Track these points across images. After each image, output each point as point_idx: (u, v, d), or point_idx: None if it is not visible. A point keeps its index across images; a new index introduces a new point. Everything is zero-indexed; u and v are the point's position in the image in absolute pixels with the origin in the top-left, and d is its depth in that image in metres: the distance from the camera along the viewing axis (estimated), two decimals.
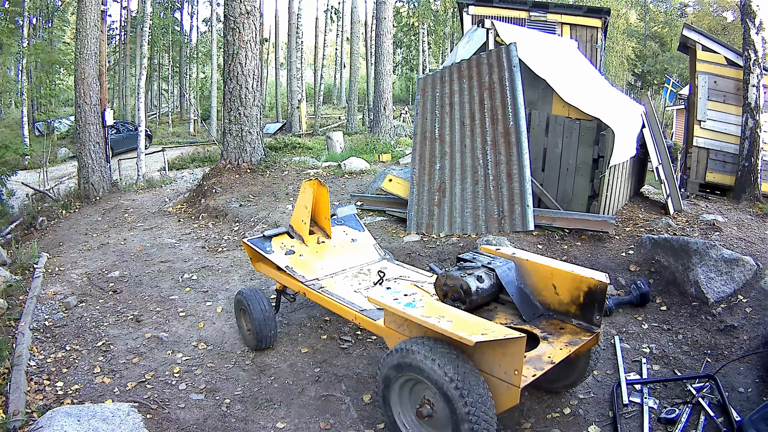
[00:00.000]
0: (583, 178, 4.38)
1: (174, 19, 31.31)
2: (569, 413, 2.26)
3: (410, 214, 4.68)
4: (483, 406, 1.68)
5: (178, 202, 6.90)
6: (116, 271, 4.30)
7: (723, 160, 6.07)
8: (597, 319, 2.08)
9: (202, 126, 27.34)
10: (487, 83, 4.37)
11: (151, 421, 2.22)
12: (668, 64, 28.27)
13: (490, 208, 4.30)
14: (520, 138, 4.18)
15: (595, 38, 7.79)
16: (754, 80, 5.58)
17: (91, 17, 7.61)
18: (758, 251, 3.69)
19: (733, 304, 3.10)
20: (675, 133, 20.53)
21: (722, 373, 2.52)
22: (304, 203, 3.05)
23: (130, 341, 3.01)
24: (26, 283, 3.88)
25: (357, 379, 2.52)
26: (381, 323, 2.13)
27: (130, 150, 16.50)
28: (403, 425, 1.98)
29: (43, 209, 7.56)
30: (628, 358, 2.78)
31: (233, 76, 5.95)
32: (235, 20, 5.87)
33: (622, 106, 5.15)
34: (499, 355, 1.71)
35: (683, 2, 32.41)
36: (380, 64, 14.29)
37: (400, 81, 36.66)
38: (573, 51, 6.06)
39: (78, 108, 7.77)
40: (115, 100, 30.68)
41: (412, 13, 33.04)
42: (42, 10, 23.32)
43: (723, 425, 2.15)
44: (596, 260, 3.82)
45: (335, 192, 6.61)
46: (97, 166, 7.88)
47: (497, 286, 2.23)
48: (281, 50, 35.17)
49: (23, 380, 2.48)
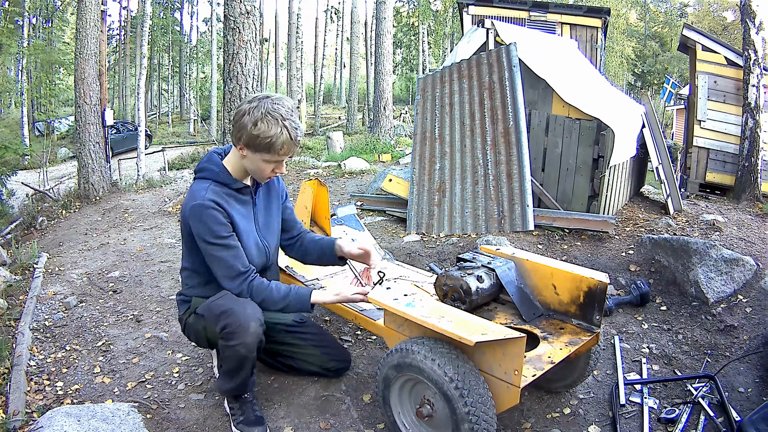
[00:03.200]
0: (583, 178, 4.38)
1: (174, 19, 31.32)
2: (569, 413, 2.26)
3: (410, 214, 4.68)
4: (483, 406, 1.68)
5: (178, 202, 6.90)
6: (116, 271, 4.31)
7: (723, 160, 6.08)
8: (597, 319, 2.08)
9: (202, 126, 27.35)
10: (487, 83, 4.37)
11: (151, 421, 2.22)
12: (668, 64, 28.28)
13: (490, 208, 4.30)
14: (520, 138, 4.18)
15: (595, 38, 7.79)
16: (754, 80, 5.58)
17: (91, 17, 7.61)
18: (758, 251, 3.69)
19: (733, 304, 3.10)
20: (675, 133, 20.54)
21: (722, 373, 2.52)
22: (303, 203, 3.06)
23: (130, 341, 3.01)
24: (26, 283, 3.88)
25: (357, 379, 2.52)
26: (381, 323, 2.13)
27: (130, 150, 16.53)
28: (403, 425, 1.98)
29: (43, 209, 7.56)
30: (628, 358, 2.78)
31: (233, 76, 5.95)
32: (235, 20, 5.87)
33: (622, 106, 5.15)
34: (499, 355, 1.71)
35: (683, 2, 32.41)
36: (380, 64, 14.29)
37: (400, 81, 36.68)
38: (573, 51, 6.06)
39: (78, 108, 7.77)
40: (115, 100, 30.68)
41: (412, 13, 33.03)
42: (42, 10, 23.31)
43: (723, 425, 2.15)
44: (596, 260, 3.82)
45: (335, 192, 6.61)
46: (97, 166, 7.88)
47: (497, 286, 2.23)
48: (281, 50, 35.18)
49: (23, 380, 2.48)
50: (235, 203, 2.06)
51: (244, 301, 2.00)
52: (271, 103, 1.91)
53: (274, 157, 1.96)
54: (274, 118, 1.89)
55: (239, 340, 1.94)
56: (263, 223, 2.20)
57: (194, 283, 2.17)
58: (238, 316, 1.94)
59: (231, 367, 2.03)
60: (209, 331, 2.05)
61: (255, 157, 1.97)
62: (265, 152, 1.94)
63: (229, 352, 1.98)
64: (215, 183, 2.02)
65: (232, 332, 1.94)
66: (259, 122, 1.88)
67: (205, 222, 1.95)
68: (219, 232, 1.96)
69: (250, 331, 1.93)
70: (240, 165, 2.05)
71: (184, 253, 2.17)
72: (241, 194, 2.09)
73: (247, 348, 1.95)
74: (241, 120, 1.92)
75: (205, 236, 1.96)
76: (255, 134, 1.89)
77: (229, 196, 2.05)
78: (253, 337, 1.95)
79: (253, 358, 2.02)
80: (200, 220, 1.96)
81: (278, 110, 1.90)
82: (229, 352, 1.98)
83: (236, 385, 2.09)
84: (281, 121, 1.90)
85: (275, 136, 1.90)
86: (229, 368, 2.04)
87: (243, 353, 1.96)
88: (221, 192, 2.02)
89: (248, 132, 1.90)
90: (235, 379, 2.07)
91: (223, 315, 1.97)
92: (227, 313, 1.96)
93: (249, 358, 2.00)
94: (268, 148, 1.92)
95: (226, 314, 1.96)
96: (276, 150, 1.93)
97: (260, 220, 2.19)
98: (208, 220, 1.95)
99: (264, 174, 2.04)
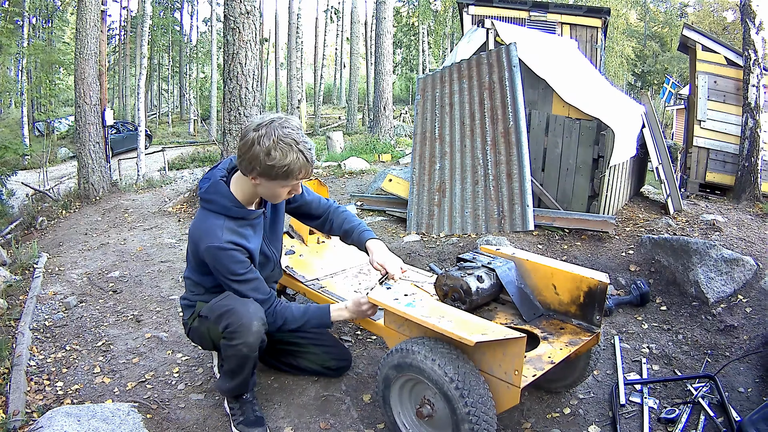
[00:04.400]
0: (583, 178, 4.38)
1: (174, 18, 31.31)
2: (569, 413, 2.26)
3: (410, 214, 4.68)
4: (483, 406, 1.68)
5: (178, 202, 6.90)
6: (116, 271, 4.30)
7: (723, 160, 6.08)
8: (597, 319, 2.08)
9: (202, 126, 27.35)
10: (487, 83, 4.37)
11: (151, 421, 2.22)
12: (668, 64, 28.29)
13: (490, 208, 4.30)
14: (520, 138, 4.18)
15: (595, 38, 7.79)
16: (754, 80, 5.58)
17: (91, 17, 7.61)
18: (758, 251, 3.69)
19: (733, 304, 3.10)
20: (675, 133, 20.53)
21: (722, 373, 2.52)
22: None
23: (130, 341, 3.01)
24: (26, 283, 3.88)
25: (357, 379, 2.52)
26: (381, 323, 2.13)
27: (130, 150, 16.53)
28: (403, 425, 1.98)
29: (43, 209, 7.56)
30: (628, 358, 2.78)
31: (233, 76, 5.94)
32: (235, 20, 5.87)
33: (622, 106, 5.15)
34: (499, 355, 1.71)
35: (683, 2, 32.41)
36: (380, 64, 14.28)
37: (400, 81, 36.67)
38: (573, 51, 6.06)
39: (78, 108, 7.77)
40: (115, 100, 30.68)
41: (412, 13, 33.03)
42: (42, 10, 23.31)
43: (723, 425, 2.15)
44: (596, 260, 3.82)
45: (335, 192, 6.62)
46: (97, 166, 7.87)
47: (497, 286, 2.23)
48: (281, 50, 35.18)
49: (23, 380, 2.48)
50: (251, 233, 2.04)
51: (246, 300, 2.00)
52: (280, 129, 1.80)
53: (291, 182, 1.90)
54: (287, 144, 1.80)
55: (242, 339, 1.93)
56: (270, 232, 2.20)
57: (199, 291, 2.18)
58: (240, 316, 1.94)
59: (232, 366, 2.03)
60: (212, 332, 2.05)
61: (271, 185, 1.90)
62: (283, 180, 1.87)
63: (231, 352, 1.98)
64: (229, 219, 1.97)
65: (234, 331, 1.93)
66: (272, 151, 1.78)
67: (223, 263, 1.94)
68: (238, 270, 1.96)
69: (253, 330, 1.93)
70: (251, 191, 1.99)
71: (190, 265, 2.16)
72: (255, 220, 2.07)
73: (249, 347, 1.95)
74: (251, 151, 1.80)
75: (225, 274, 1.96)
76: (270, 165, 1.80)
77: (244, 227, 2.01)
78: (255, 337, 1.95)
79: (255, 357, 2.02)
80: (218, 261, 1.94)
81: (290, 135, 1.81)
82: (231, 352, 1.98)
83: (237, 385, 2.09)
84: (295, 146, 1.81)
85: (292, 162, 1.81)
86: (231, 368, 2.04)
87: (245, 352, 1.96)
88: (236, 227, 1.96)
89: (262, 164, 1.80)
90: (236, 379, 2.07)
91: (226, 314, 1.97)
92: (229, 313, 1.96)
93: (251, 358, 2.00)
94: (286, 176, 1.85)
95: (228, 314, 1.96)
96: (294, 176, 1.87)
97: (269, 231, 2.19)
98: (226, 261, 1.93)
99: (280, 197, 2.01)
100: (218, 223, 1.95)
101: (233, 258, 1.94)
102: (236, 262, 1.95)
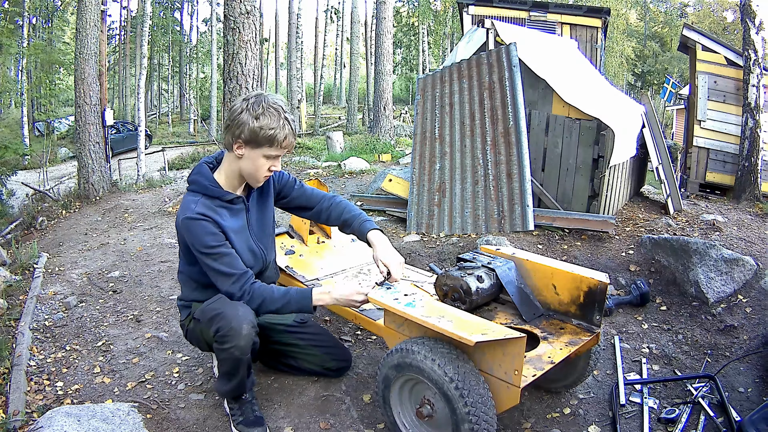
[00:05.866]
0: (583, 178, 4.38)
1: (174, 19, 31.30)
2: (569, 413, 2.26)
3: (410, 214, 4.68)
4: (483, 406, 1.68)
5: (177, 201, 6.90)
6: (116, 271, 4.30)
7: (723, 160, 6.08)
8: (597, 319, 2.08)
9: (202, 126, 27.34)
10: (487, 83, 4.37)
11: (151, 421, 2.22)
12: (668, 64, 28.29)
13: (490, 208, 4.30)
14: (520, 138, 4.18)
15: (595, 38, 7.79)
16: (754, 80, 5.58)
17: (91, 17, 7.61)
18: (758, 251, 3.70)
19: (733, 304, 3.10)
20: (675, 133, 20.54)
21: (722, 373, 2.52)
22: None
23: (130, 341, 3.01)
24: (26, 283, 3.88)
25: (357, 379, 2.52)
26: (381, 323, 2.13)
27: (130, 150, 16.51)
28: (403, 425, 1.98)
29: (43, 209, 7.56)
30: (628, 358, 2.78)
31: (233, 76, 5.94)
32: (235, 20, 5.87)
33: (622, 106, 5.15)
34: (499, 355, 1.71)
35: (683, 2, 32.41)
36: (380, 64, 14.28)
37: (400, 81, 36.65)
38: (573, 51, 6.06)
39: (78, 108, 7.77)
40: (115, 100, 30.68)
41: (412, 13, 33.02)
42: (42, 10, 23.30)
43: (723, 425, 2.15)
44: (596, 260, 3.82)
45: (335, 192, 6.61)
46: (97, 166, 7.88)
47: (497, 286, 2.23)
48: (281, 50, 35.18)
49: (23, 380, 2.48)
50: (227, 214, 2.07)
51: (236, 303, 2.00)
52: (270, 98, 1.96)
53: (275, 150, 1.98)
54: (275, 110, 1.94)
55: (232, 343, 1.94)
56: (258, 228, 2.21)
57: (192, 288, 2.19)
58: (230, 320, 1.94)
59: (227, 369, 2.04)
60: (205, 335, 2.06)
61: (254, 154, 1.98)
62: (267, 146, 1.96)
63: (223, 355, 1.99)
64: (205, 197, 2.04)
65: (224, 335, 1.94)
66: (261, 116, 1.91)
67: (195, 234, 1.98)
68: (210, 242, 1.98)
69: (243, 334, 1.94)
70: (233, 173, 2.07)
71: (180, 259, 2.20)
72: (233, 204, 2.10)
73: (240, 350, 1.96)
74: (239, 117, 1.93)
75: (198, 247, 1.99)
76: (257, 127, 1.91)
77: (221, 207, 2.06)
78: (245, 340, 1.95)
79: (247, 359, 2.02)
80: (191, 232, 1.98)
81: (277, 103, 1.96)
82: (224, 355, 1.99)
83: (234, 387, 2.09)
84: (282, 113, 1.95)
85: (278, 128, 1.93)
86: (226, 370, 2.05)
87: (237, 355, 1.97)
88: (212, 205, 2.04)
89: (250, 127, 1.92)
90: (232, 381, 2.07)
91: (216, 318, 1.98)
92: (219, 317, 1.97)
93: (243, 360, 2.01)
94: (271, 141, 1.95)
95: (218, 318, 1.97)
96: (279, 142, 1.96)
97: (255, 226, 2.20)
98: (198, 231, 1.97)
99: (261, 173, 2.04)
100: (194, 199, 2.04)
101: (204, 228, 1.97)
102: (208, 234, 1.98)
